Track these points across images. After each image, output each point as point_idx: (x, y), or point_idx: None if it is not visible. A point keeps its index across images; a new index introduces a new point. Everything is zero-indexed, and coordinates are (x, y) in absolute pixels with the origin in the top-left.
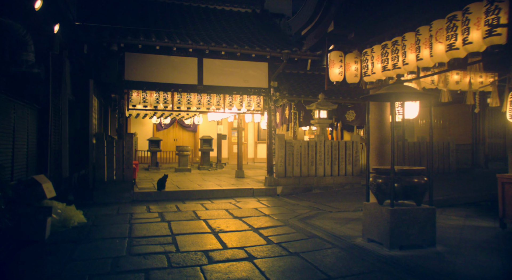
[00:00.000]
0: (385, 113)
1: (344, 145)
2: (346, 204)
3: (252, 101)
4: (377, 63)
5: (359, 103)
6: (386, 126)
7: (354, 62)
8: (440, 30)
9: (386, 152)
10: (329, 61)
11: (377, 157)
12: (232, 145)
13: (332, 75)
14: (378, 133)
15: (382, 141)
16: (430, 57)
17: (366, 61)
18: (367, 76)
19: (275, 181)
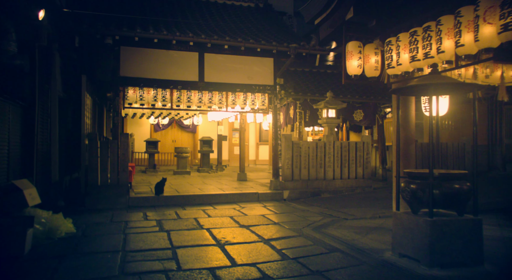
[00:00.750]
0: (410, 111)
1: (355, 146)
2: (361, 210)
3: (257, 100)
4: (403, 53)
5: (368, 103)
6: (411, 125)
7: (374, 54)
8: (491, 8)
9: (411, 154)
10: (347, 53)
11: (402, 158)
12: (233, 146)
13: (350, 68)
14: (402, 133)
15: (407, 141)
16: (475, 42)
17: (389, 51)
18: (391, 69)
19: (281, 184)
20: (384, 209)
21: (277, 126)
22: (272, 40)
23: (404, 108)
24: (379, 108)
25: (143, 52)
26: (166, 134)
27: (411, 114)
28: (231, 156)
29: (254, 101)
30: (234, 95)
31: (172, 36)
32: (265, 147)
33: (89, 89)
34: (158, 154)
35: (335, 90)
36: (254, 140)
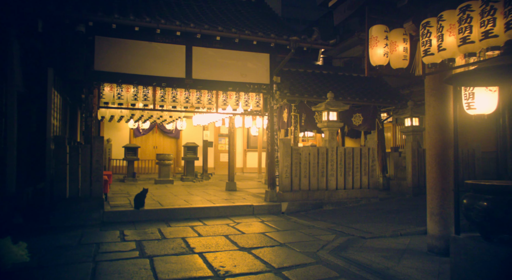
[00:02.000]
0: (448, 109)
1: (359, 152)
2: (375, 225)
3: (250, 100)
4: (448, 36)
5: (368, 105)
6: (449, 125)
7: (402, 41)
8: None
9: (449, 160)
10: (370, 39)
11: (438, 166)
12: (219, 153)
13: (374, 57)
14: (439, 135)
15: (445, 145)
16: None
17: (427, 35)
18: (429, 56)
19: (279, 196)
20: (401, 224)
21: (274, 130)
22: (270, 32)
23: (440, 106)
24: (378, 112)
25: (121, 44)
26: (147, 140)
27: (448, 112)
28: (217, 163)
29: (247, 101)
30: (225, 94)
31: (156, 23)
32: (253, 154)
33: (58, 86)
34: (138, 161)
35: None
36: (242, 146)
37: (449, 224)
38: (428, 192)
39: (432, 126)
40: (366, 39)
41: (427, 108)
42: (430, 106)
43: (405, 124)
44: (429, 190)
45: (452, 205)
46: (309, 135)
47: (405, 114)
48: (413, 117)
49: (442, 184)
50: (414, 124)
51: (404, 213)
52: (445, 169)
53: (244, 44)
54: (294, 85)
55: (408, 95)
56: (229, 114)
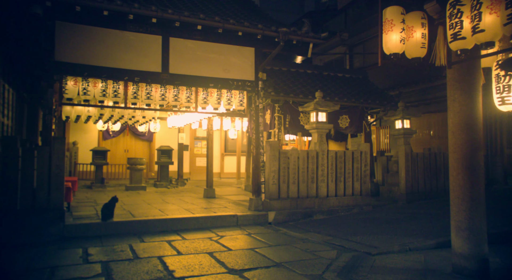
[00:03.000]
0: (477, 104)
1: (351, 156)
2: (377, 238)
3: (233, 98)
4: (489, 14)
5: (355, 107)
6: (478, 123)
7: (420, 25)
8: None
9: (479, 164)
10: (384, 23)
11: (466, 171)
12: (195, 157)
13: (389, 43)
14: (466, 135)
15: (474, 146)
16: None
17: (457, 15)
18: (459, 40)
19: (266, 204)
20: (406, 237)
21: (259, 131)
22: (257, 23)
23: (468, 100)
24: (366, 114)
25: (88, 32)
26: (117, 143)
27: (477, 108)
28: (193, 168)
29: (230, 100)
30: (206, 92)
31: (129, 8)
32: (231, 158)
33: (9, 78)
34: (108, 166)
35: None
36: (219, 150)
37: (481, 241)
38: (452, 202)
39: (457, 125)
40: (379, 23)
41: (451, 104)
42: (455, 102)
43: (396, 127)
44: (454, 199)
45: (484, 218)
46: (291, 138)
47: (396, 116)
48: (404, 119)
49: (471, 193)
50: (405, 127)
51: (404, 223)
52: (475, 174)
53: (228, 36)
54: (279, 84)
55: (397, 97)
56: (211, 113)
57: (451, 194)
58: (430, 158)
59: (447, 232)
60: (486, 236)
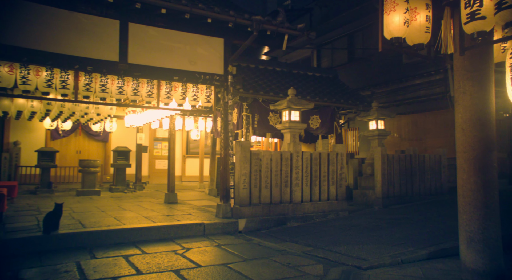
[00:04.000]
0: (491, 96)
1: (327, 158)
2: (363, 248)
3: (200, 94)
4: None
5: (327, 107)
6: (492, 119)
7: (424, 7)
8: None
9: (491, 165)
10: (386, 1)
11: (479, 174)
12: (154, 159)
13: (391, 25)
14: (479, 132)
15: (488, 145)
16: None
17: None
18: (478, 21)
19: (236, 211)
20: (394, 246)
21: (229, 130)
22: (228, 9)
23: (480, 92)
24: (337, 115)
25: (30, 9)
26: (68, 144)
27: (491, 102)
28: (152, 171)
29: (196, 96)
30: (169, 85)
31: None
32: (193, 161)
33: None
34: (56, 169)
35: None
36: (180, 152)
37: (497, 255)
38: (462, 209)
39: (468, 121)
40: (380, 3)
41: (461, 97)
42: (465, 94)
43: (370, 128)
44: (464, 206)
45: (499, 227)
46: (257, 140)
47: (370, 116)
48: (378, 120)
49: (485, 199)
50: (379, 128)
51: (387, 230)
52: (489, 177)
53: (195, 24)
54: (247, 81)
55: (370, 97)
56: (174, 110)
57: (460, 200)
58: (406, 161)
59: (435, 240)
60: (502, 249)
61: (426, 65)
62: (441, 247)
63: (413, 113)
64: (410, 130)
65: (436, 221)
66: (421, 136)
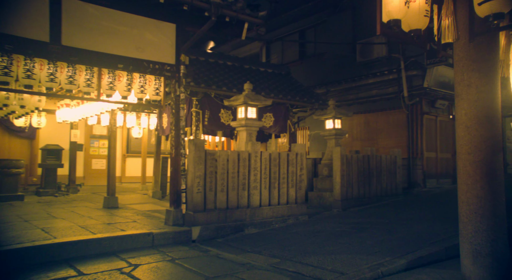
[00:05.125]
0: (497, 90)
1: (286, 159)
2: (336, 258)
3: (148, 85)
4: None
5: (281, 104)
6: (498, 116)
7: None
8: None
9: (501, 169)
10: None
11: (486, 178)
12: (91, 158)
13: (389, 5)
14: (486, 131)
15: (495, 146)
16: None
17: None
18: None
19: (189, 217)
20: (368, 255)
21: (180, 127)
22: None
23: (487, 85)
24: (291, 113)
25: None
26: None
27: (498, 96)
28: (88, 172)
29: (144, 87)
30: (113, 75)
31: None
32: (134, 160)
33: None
34: None
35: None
36: (120, 151)
37: (507, 270)
38: (466, 219)
39: (474, 118)
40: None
41: (465, 91)
42: (470, 87)
43: (326, 127)
44: (469, 215)
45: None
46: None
47: (327, 115)
48: (336, 119)
49: (493, 207)
50: (337, 127)
51: (355, 237)
52: (497, 183)
53: (144, 4)
54: (198, 75)
55: (324, 95)
56: (118, 103)
57: (463, 208)
58: (364, 161)
59: (408, 247)
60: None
61: (379, 64)
62: (418, 255)
63: (365, 113)
64: (362, 130)
65: (401, 225)
66: (373, 136)
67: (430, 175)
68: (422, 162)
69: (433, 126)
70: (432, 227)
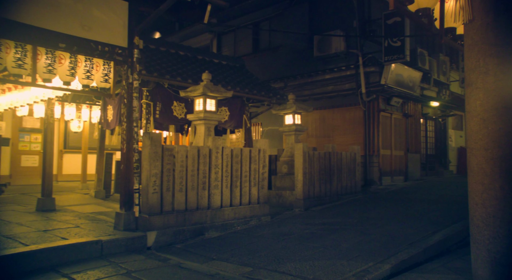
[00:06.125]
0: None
1: (249, 155)
2: (313, 265)
3: (96, 71)
4: None
5: (236, 97)
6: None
7: None
8: None
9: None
10: None
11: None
12: (20, 154)
13: None
14: (505, 124)
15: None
16: None
17: None
18: None
19: (144, 221)
20: (350, 260)
21: (133, 119)
22: None
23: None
24: (247, 107)
25: None
26: None
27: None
28: (17, 170)
29: (90, 72)
30: (52, 56)
31: None
32: (74, 157)
33: None
34: None
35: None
36: (57, 146)
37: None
38: (482, 223)
39: (491, 110)
40: None
41: (480, 79)
42: (488, 75)
43: (286, 122)
44: (486, 219)
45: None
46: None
47: (287, 110)
48: (296, 114)
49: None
50: (297, 123)
51: (329, 240)
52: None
53: None
54: (150, 63)
55: (282, 89)
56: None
57: (478, 210)
58: (325, 158)
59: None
60: None
61: (337, 59)
62: (400, 259)
63: (321, 109)
64: (318, 126)
65: (371, 225)
66: (329, 133)
67: (385, 172)
68: (379, 159)
69: (388, 124)
70: (402, 227)
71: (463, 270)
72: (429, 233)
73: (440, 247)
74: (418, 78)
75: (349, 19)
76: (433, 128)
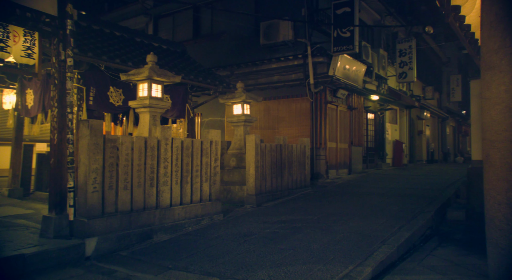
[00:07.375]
0: None
1: (200, 147)
2: (288, 271)
3: (15, 42)
4: None
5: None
6: None
7: None
8: None
9: None
10: None
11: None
12: None
13: None
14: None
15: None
16: None
17: None
18: None
19: (81, 225)
20: (326, 265)
21: (67, 104)
22: None
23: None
24: (190, 96)
25: None
26: None
27: None
28: None
29: (5, 43)
30: None
31: None
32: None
33: None
34: None
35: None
36: None
37: None
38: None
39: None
40: None
41: (505, 61)
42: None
43: (234, 112)
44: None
45: None
46: None
47: (236, 99)
48: (245, 104)
49: None
50: (246, 113)
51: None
52: None
53: None
54: (82, 42)
55: (227, 77)
56: None
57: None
58: (277, 151)
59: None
60: None
61: (285, 48)
62: (379, 260)
63: (266, 100)
64: (263, 118)
65: (334, 222)
66: (274, 125)
67: (331, 165)
68: (326, 152)
69: (334, 116)
70: (367, 223)
71: (441, 268)
72: (395, 229)
73: (409, 243)
74: (363, 71)
75: (297, 7)
76: (373, 122)
